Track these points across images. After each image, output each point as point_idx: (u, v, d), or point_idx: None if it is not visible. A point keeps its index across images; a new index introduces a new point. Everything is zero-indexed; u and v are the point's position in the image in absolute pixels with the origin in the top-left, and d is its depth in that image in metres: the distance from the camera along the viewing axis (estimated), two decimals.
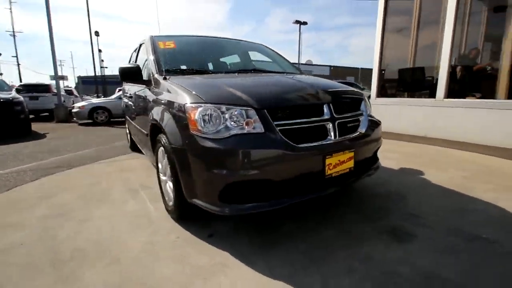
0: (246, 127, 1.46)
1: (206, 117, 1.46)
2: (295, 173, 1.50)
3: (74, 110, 8.46)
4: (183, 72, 2.15)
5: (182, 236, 1.71)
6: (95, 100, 9.03)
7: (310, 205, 2.06)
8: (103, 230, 1.82)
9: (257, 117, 1.46)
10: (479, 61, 4.65)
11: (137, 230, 1.80)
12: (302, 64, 38.93)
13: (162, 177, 2.04)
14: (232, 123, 1.45)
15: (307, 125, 1.56)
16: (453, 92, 4.26)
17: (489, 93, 4.10)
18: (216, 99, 1.51)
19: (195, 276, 1.34)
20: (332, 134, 1.63)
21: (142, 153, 3.94)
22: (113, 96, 9.19)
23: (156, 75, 2.07)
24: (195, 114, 1.46)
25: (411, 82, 5.36)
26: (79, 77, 53.18)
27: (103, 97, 17.19)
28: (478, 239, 1.59)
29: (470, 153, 3.62)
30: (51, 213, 2.10)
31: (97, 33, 23.12)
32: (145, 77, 2.32)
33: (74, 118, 8.71)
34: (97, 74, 23.41)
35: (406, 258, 1.43)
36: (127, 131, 4.34)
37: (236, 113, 1.46)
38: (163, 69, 2.11)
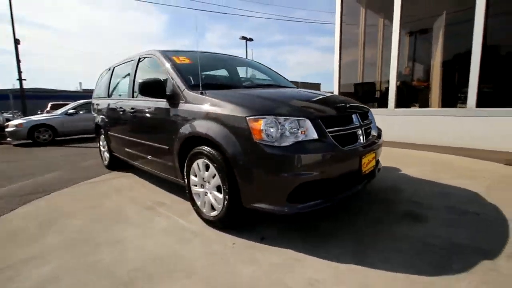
0: (302, 134, 1.66)
1: (270, 128, 1.61)
2: (343, 171, 1.75)
3: (8, 129, 7.17)
4: (213, 87, 2.23)
5: (237, 242, 1.78)
6: (35, 117, 7.83)
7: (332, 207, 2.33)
8: (149, 248, 1.76)
9: (310, 125, 1.68)
10: (413, 78, 5.80)
11: (186, 244, 1.79)
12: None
13: (197, 189, 2.06)
14: (291, 132, 1.64)
15: (346, 132, 1.85)
16: (400, 102, 5.19)
17: (425, 103, 5.17)
18: (275, 111, 1.68)
19: (278, 271, 1.46)
20: (361, 138, 1.95)
21: (126, 171, 3.73)
22: (58, 112, 8.13)
23: (187, 90, 2.11)
24: (260, 125, 1.61)
25: (364, 94, 6.29)
26: None
27: (22, 114, 14.93)
28: (468, 213, 2.08)
29: (422, 151, 4.44)
30: (71, 239, 1.90)
31: (17, 41, 20.00)
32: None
33: (8, 139, 7.38)
34: (16, 87, 20.05)
35: (430, 232, 1.81)
36: (103, 149, 4.01)
37: (293, 123, 1.65)
38: (193, 84, 2.16)
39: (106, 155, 3.95)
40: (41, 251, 1.76)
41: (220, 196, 1.85)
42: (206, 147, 1.88)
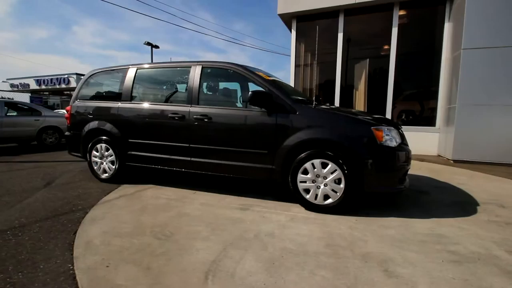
0: (397, 138, 2.50)
1: (387, 134, 2.37)
2: (407, 163, 2.70)
3: None
4: (307, 102, 2.73)
5: (358, 219, 2.38)
6: None
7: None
8: (303, 233, 2.10)
9: (397, 133, 2.55)
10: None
11: (326, 227, 2.24)
12: None
13: (307, 184, 2.50)
14: (394, 136, 2.45)
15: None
16: None
17: None
18: (383, 124, 2.45)
19: (393, 229, 2.20)
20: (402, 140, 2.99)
21: (134, 183, 3.46)
22: None
23: (297, 103, 2.55)
24: (382, 132, 2.34)
25: None
26: None
27: None
28: (437, 187, 3.48)
29: None
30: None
31: None
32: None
33: None
34: None
35: (431, 197, 3.02)
36: (105, 159, 3.43)
37: (393, 131, 2.47)
38: (298, 98, 2.61)
39: (109, 166, 3.40)
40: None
41: (340, 186, 2.41)
42: (321, 150, 2.41)
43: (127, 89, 3.28)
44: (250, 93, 2.50)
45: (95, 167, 3.52)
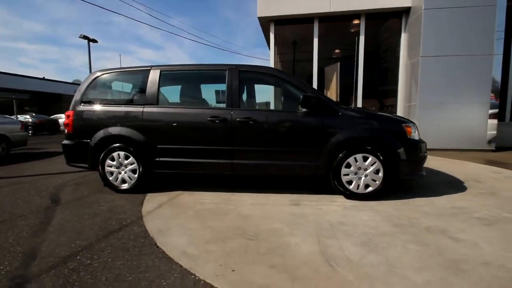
0: (418, 133, 3.02)
1: (414, 130, 2.84)
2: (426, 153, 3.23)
3: None
4: (339, 104, 3.04)
5: (399, 203, 2.81)
6: None
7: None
8: (366, 218, 2.41)
9: (416, 128, 3.08)
10: None
11: (377, 213, 2.60)
12: (70, 83, 32.83)
13: (351, 177, 2.83)
14: (417, 132, 2.95)
15: None
16: None
17: None
18: (408, 120, 2.92)
19: (420, 207, 2.72)
20: None
21: (160, 190, 3.37)
22: None
23: (340, 106, 2.84)
24: (410, 128, 2.80)
25: None
26: None
27: None
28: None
29: None
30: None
31: None
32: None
33: None
34: None
35: (433, 178, 3.70)
36: (123, 168, 3.15)
37: (415, 126, 2.96)
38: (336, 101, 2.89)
39: (130, 175, 3.14)
40: None
41: (379, 175, 2.80)
42: (362, 145, 2.77)
43: (153, 92, 3.07)
44: (302, 96, 2.69)
45: (110, 178, 3.19)
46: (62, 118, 19.34)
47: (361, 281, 1.54)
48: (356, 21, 6.95)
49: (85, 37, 20.02)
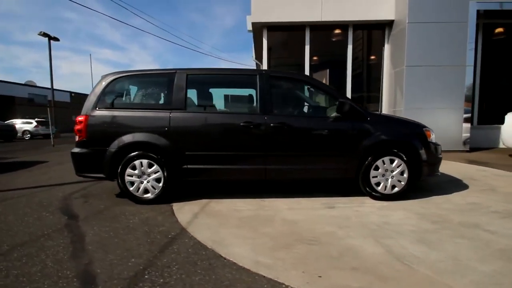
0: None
1: (432, 134, 3.10)
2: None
3: None
4: (367, 109, 3.17)
5: (421, 201, 3.02)
6: None
7: None
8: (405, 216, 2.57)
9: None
10: None
11: (409, 213, 2.77)
12: (22, 84, 29.77)
13: (379, 178, 2.99)
14: (433, 135, 3.21)
15: None
16: None
17: None
18: (426, 126, 3.18)
19: (434, 203, 2.98)
20: None
21: (187, 199, 3.29)
22: None
23: (368, 111, 2.99)
24: (430, 132, 3.05)
25: None
26: None
27: None
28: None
29: None
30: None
31: None
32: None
33: None
34: None
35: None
36: (147, 177, 2.95)
37: (433, 132, 3.24)
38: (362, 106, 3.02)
39: (154, 184, 2.95)
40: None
41: (404, 176, 2.99)
42: (389, 148, 2.96)
43: (180, 97, 2.93)
44: (338, 103, 2.78)
45: (131, 188, 2.97)
46: (18, 124, 17.33)
47: (442, 275, 1.64)
48: (338, 30, 7.35)
49: (45, 35, 18.30)
